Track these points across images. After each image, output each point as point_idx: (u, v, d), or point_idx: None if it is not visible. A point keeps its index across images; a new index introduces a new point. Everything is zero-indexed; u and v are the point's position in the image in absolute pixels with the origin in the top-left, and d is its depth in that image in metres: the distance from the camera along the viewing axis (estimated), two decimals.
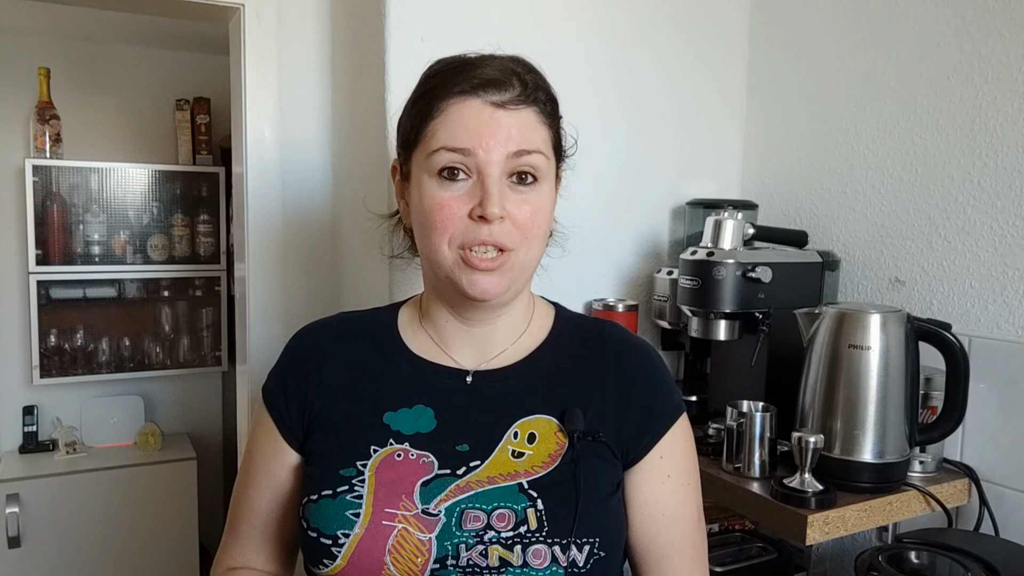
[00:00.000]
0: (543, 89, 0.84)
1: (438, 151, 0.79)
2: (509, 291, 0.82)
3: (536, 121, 0.82)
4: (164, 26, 2.66)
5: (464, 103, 0.79)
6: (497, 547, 0.76)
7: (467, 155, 0.78)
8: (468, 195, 0.79)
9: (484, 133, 0.78)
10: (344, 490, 0.80)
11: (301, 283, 1.69)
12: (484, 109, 0.79)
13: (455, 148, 0.78)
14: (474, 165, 0.78)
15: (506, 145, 0.78)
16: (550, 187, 0.84)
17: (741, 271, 1.33)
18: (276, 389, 0.90)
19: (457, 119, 0.79)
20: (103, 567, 2.78)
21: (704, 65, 1.66)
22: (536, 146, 0.80)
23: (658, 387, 0.89)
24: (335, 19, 1.65)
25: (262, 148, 1.65)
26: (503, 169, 0.79)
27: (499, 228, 0.78)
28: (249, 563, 0.91)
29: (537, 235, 0.82)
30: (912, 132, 1.39)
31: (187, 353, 3.16)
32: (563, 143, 0.88)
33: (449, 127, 0.79)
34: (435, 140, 0.80)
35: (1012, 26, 1.25)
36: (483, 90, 0.79)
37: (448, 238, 0.79)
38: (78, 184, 2.89)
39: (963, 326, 1.29)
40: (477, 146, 0.78)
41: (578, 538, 0.77)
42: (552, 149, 0.84)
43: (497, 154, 0.78)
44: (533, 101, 0.82)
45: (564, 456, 0.81)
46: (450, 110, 0.80)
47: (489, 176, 0.78)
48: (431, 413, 0.84)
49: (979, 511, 1.24)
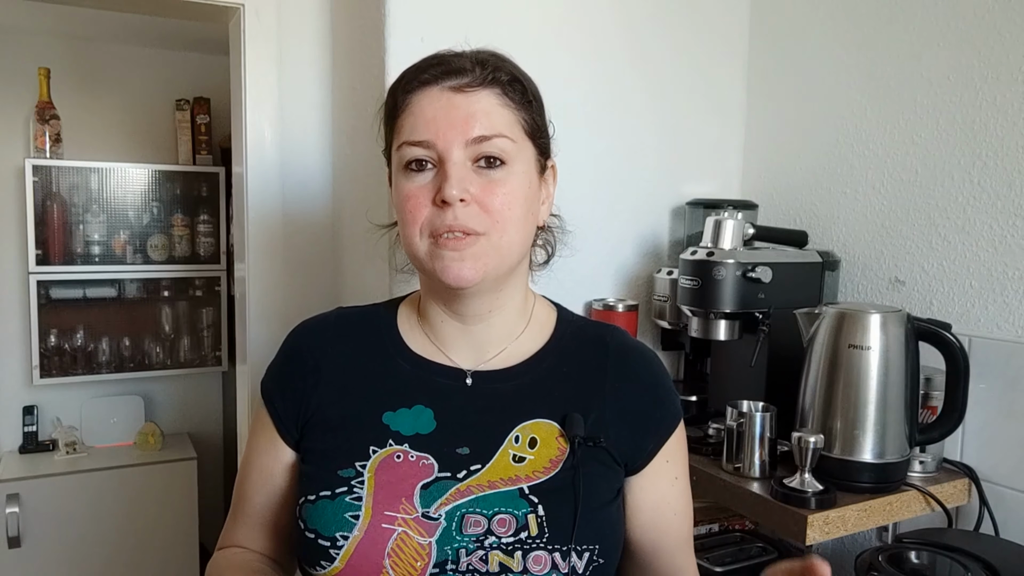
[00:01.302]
0: (506, 71, 0.82)
1: (402, 146, 0.80)
2: (488, 278, 0.80)
3: (496, 103, 0.80)
4: (164, 26, 2.66)
5: (424, 93, 0.80)
6: (497, 552, 0.76)
7: (427, 147, 0.78)
8: (432, 184, 0.79)
9: (440, 121, 0.78)
10: (343, 491, 0.79)
11: (301, 283, 1.69)
12: (441, 95, 0.79)
13: (415, 141, 0.79)
14: (435, 155, 0.78)
15: (464, 131, 0.78)
16: (525, 170, 0.82)
17: (741, 271, 1.33)
18: (273, 386, 0.90)
19: (418, 111, 0.80)
20: (103, 567, 2.78)
21: (704, 65, 1.66)
22: (497, 130, 0.79)
23: (659, 393, 0.89)
24: (335, 19, 1.65)
25: (262, 148, 1.65)
26: (465, 154, 0.78)
27: (463, 212, 0.77)
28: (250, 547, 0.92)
29: (511, 218, 0.79)
30: (912, 132, 1.39)
31: (187, 353, 3.16)
32: (543, 128, 0.86)
33: (411, 120, 0.80)
34: (400, 135, 0.81)
35: (1012, 26, 1.25)
36: (444, 78, 0.80)
37: (419, 228, 0.79)
38: (78, 184, 2.89)
39: (963, 326, 1.29)
40: (435, 136, 0.78)
41: (578, 545, 0.77)
42: (523, 133, 0.82)
43: (455, 141, 0.78)
44: (492, 82, 0.80)
45: (565, 462, 0.81)
46: (412, 102, 0.80)
47: (448, 161, 0.78)
48: (430, 414, 0.83)
49: (979, 511, 1.24)
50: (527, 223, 0.83)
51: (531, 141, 0.83)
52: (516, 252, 0.82)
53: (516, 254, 0.82)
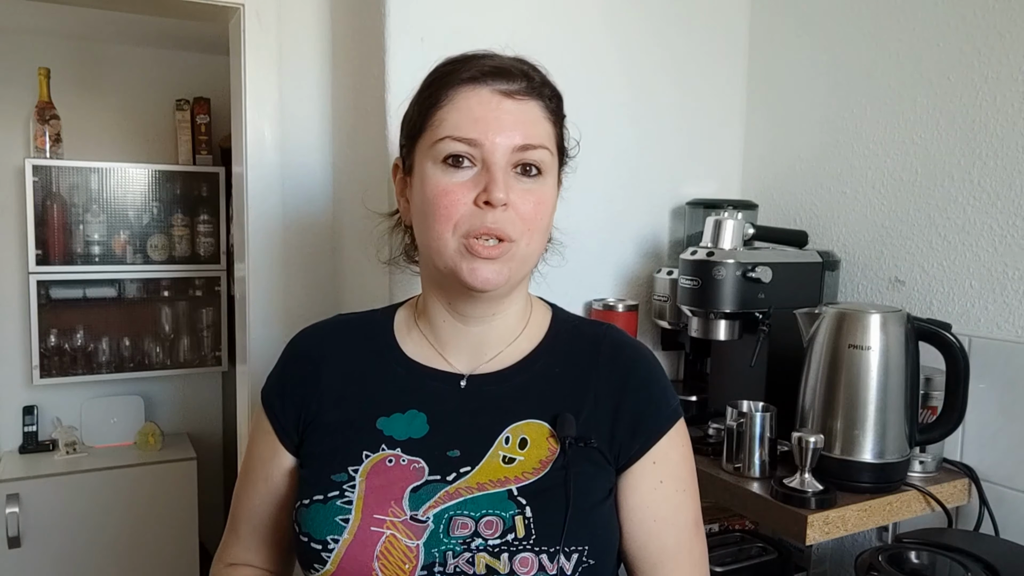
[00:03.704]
0: (548, 85, 0.85)
1: (444, 140, 0.79)
2: (508, 283, 0.81)
3: (541, 116, 0.82)
4: (164, 26, 2.66)
5: (472, 91, 0.80)
6: (484, 555, 0.76)
7: (473, 145, 0.78)
8: (473, 182, 0.79)
9: (490, 123, 0.78)
10: (335, 495, 0.80)
11: (301, 283, 1.69)
12: (492, 98, 0.79)
13: (461, 138, 0.78)
14: (479, 155, 0.78)
15: (511, 137, 0.78)
16: (553, 182, 0.84)
17: (741, 271, 1.33)
18: (274, 392, 0.90)
19: (464, 107, 0.79)
20: (103, 567, 2.78)
21: (704, 65, 1.66)
22: (541, 141, 0.81)
23: (652, 392, 0.87)
24: (335, 19, 1.65)
25: (262, 148, 1.65)
26: (508, 160, 0.79)
27: (503, 216, 0.78)
28: (248, 561, 0.92)
29: (539, 227, 0.82)
30: (912, 132, 1.39)
31: (187, 353, 3.16)
32: (566, 143, 0.88)
33: (456, 115, 0.79)
34: (442, 128, 0.80)
35: (1012, 26, 1.25)
36: (492, 78, 0.80)
37: (452, 225, 0.79)
38: (78, 184, 2.89)
39: (963, 326, 1.29)
40: (483, 137, 0.78)
41: (566, 546, 0.76)
42: (555, 146, 0.84)
43: (503, 145, 0.78)
44: (539, 95, 0.82)
45: (555, 462, 0.80)
46: (458, 98, 0.80)
47: (495, 164, 0.78)
48: (424, 418, 0.84)
49: (979, 511, 1.24)
50: (548, 232, 0.86)
51: (559, 155, 0.86)
52: (535, 259, 0.85)
53: (535, 261, 0.85)
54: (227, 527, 0.94)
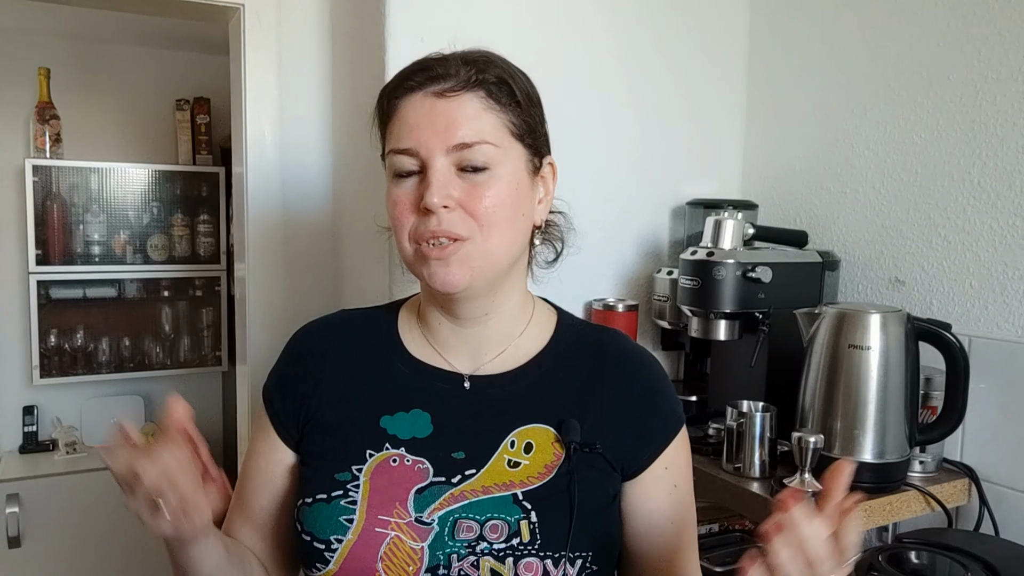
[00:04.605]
0: (493, 72, 0.80)
1: (390, 154, 0.81)
2: (478, 282, 0.80)
3: (480, 107, 0.79)
4: (164, 26, 2.66)
5: (409, 99, 0.80)
6: (489, 559, 0.75)
7: (411, 154, 0.79)
8: (416, 191, 0.79)
9: (423, 128, 0.78)
10: (339, 495, 0.79)
11: (301, 283, 1.69)
12: (424, 101, 0.79)
13: (401, 149, 0.79)
14: (419, 162, 0.79)
15: (445, 138, 0.77)
16: (511, 172, 0.80)
17: (741, 271, 1.33)
18: (274, 388, 0.90)
19: (403, 117, 0.80)
20: (103, 567, 2.78)
21: (704, 65, 1.66)
22: (480, 136, 0.78)
23: (657, 399, 0.87)
24: (335, 19, 1.65)
25: (262, 148, 1.65)
26: (448, 161, 0.78)
27: (448, 217, 0.77)
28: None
29: (496, 221, 0.78)
30: (912, 132, 1.39)
31: (187, 353, 3.16)
32: (535, 127, 0.83)
33: (398, 126, 0.80)
34: (389, 141, 0.82)
35: (1012, 26, 1.25)
36: (427, 83, 0.79)
37: (407, 234, 0.80)
38: (78, 184, 2.89)
39: (963, 326, 1.29)
40: (417, 144, 0.78)
41: (571, 552, 0.76)
42: (510, 135, 0.80)
43: (438, 148, 0.77)
44: (477, 85, 0.79)
45: (560, 468, 0.80)
46: (400, 108, 0.80)
47: (432, 168, 0.78)
48: (428, 418, 0.83)
49: (979, 511, 1.24)
50: (516, 225, 0.81)
51: (520, 142, 0.82)
52: (505, 255, 0.81)
53: (506, 257, 0.81)
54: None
